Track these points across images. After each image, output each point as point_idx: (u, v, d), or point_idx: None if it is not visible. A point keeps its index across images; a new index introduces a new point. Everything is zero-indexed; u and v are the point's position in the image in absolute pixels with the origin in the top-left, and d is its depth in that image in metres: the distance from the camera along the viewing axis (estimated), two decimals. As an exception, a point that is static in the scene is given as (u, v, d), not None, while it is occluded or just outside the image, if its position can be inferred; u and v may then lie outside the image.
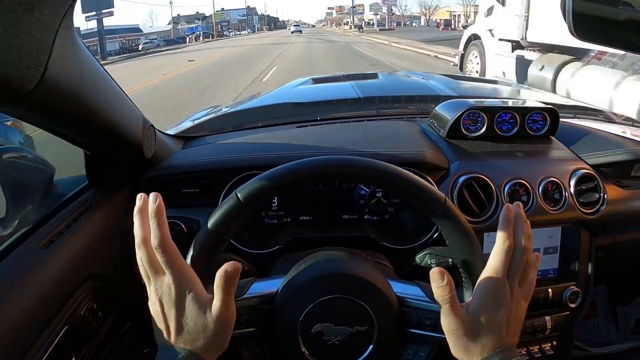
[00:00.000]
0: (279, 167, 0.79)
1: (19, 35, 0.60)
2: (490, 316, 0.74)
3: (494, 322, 0.74)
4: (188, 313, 0.71)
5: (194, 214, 1.33)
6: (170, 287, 0.71)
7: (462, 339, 0.75)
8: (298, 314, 0.86)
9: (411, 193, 0.80)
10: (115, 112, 1.04)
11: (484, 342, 0.74)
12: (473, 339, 0.74)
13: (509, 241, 0.76)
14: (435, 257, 1.05)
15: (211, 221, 0.76)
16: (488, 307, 0.75)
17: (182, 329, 0.70)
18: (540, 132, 1.51)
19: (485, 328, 0.74)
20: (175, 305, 0.71)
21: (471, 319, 0.75)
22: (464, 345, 0.75)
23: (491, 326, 0.74)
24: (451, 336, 0.76)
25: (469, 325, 0.75)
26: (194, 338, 0.70)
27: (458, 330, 0.75)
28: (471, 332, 0.74)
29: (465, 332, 0.75)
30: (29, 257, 0.95)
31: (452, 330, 0.75)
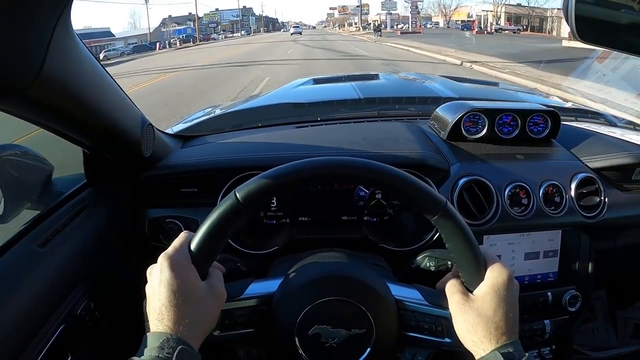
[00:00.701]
0: (278, 167, 0.78)
1: (16, 31, 0.60)
2: (505, 300, 0.75)
3: (506, 308, 0.75)
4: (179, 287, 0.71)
5: (192, 213, 1.32)
6: (163, 262, 0.73)
7: (466, 314, 0.76)
8: (295, 315, 0.86)
9: (411, 195, 0.80)
10: (113, 110, 1.03)
11: (493, 324, 0.74)
12: (480, 317, 0.75)
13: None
14: (434, 260, 1.04)
15: (209, 221, 0.76)
16: (501, 288, 0.76)
17: (170, 304, 0.70)
18: (541, 135, 1.50)
19: (499, 311, 0.74)
20: (167, 277, 0.71)
21: (482, 297, 0.76)
22: (471, 322, 0.75)
23: (503, 313, 0.74)
24: (456, 312, 0.78)
25: (475, 300, 0.77)
26: (182, 316, 0.70)
27: (461, 303, 0.77)
28: (477, 308, 0.75)
29: (471, 305, 0.76)
30: (25, 256, 0.95)
31: (456, 306, 0.78)
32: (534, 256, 1.35)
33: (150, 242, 1.33)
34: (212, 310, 0.76)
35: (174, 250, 0.75)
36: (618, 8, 0.87)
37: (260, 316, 0.89)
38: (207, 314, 0.75)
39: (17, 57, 0.64)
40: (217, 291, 0.77)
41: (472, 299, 0.77)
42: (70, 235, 1.06)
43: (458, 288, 0.80)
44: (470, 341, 0.75)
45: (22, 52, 0.64)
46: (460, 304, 0.77)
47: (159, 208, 1.34)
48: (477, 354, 0.74)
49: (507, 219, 1.30)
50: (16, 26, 0.59)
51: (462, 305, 0.77)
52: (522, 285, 1.33)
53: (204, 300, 0.74)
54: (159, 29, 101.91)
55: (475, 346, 0.74)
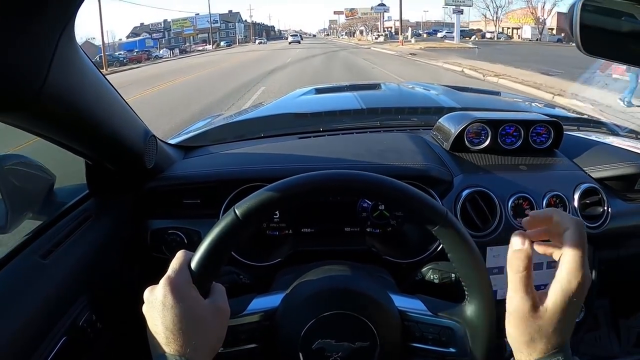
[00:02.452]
0: (278, 183, 0.78)
1: (20, 45, 0.60)
2: (570, 317, 0.65)
3: (568, 321, 0.65)
4: (183, 311, 0.70)
5: (195, 225, 1.32)
6: (165, 287, 0.72)
7: (527, 325, 0.66)
8: (299, 330, 0.85)
9: (412, 206, 0.80)
10: (117, 122, 1.04)
11: (550, 338, 0.65)
12: (539, 330, 0.65)
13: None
14: (438, 272, 1.04)
15: (208, 239, 0.75)
16: (570, 305, 0.65)
17: (176, 328, 0.70)
18: (544, 145, 1.50)
19: (559, 321, 0.65)
20: (171, 302, 0.70)
21: (548, 307, 0.65)
22: (528, 334, 0.66)
23: (562, 328, 0.65)
24: (514, 318, 0.68)
25: (542, 314, 0.66)
26: (189, 338, 0.69)
27: (525, 316, 0.66)
28: (540, 322, 0.65)
29: (534, 318, 0.66)
30: (27, 268, 0.95)
31: (517, 311, 0.67)
32: (537, 267, 1.34)
33: (153, 254, 1.33)
34: (218, 327, 0.75)
35: (174, 272, 0.74)
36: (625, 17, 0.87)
37: (264, 331, 0.89)
38: (213, 332, 0.74)
39: (21, 71, 0.64)
40: (220, 308, 0.76)
41: (540, 316, 0.66)
42: (72, 246, 1.06)
43: (529, 292, 0.67)
44: (518, 350, 0.69)
45: (26, 66, 0.64)
46: (525, 316, 0.67)
47: (161, 219, 1.34)
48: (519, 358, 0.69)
49: (511, 230, 1.28)
50: (21, 41, 0.60)
51: (525, 318, 0.66)
52: None
53: (209, 319, 0.73)
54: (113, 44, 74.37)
55: (521, 355, 0.68)
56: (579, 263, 0.64)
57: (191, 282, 0.74)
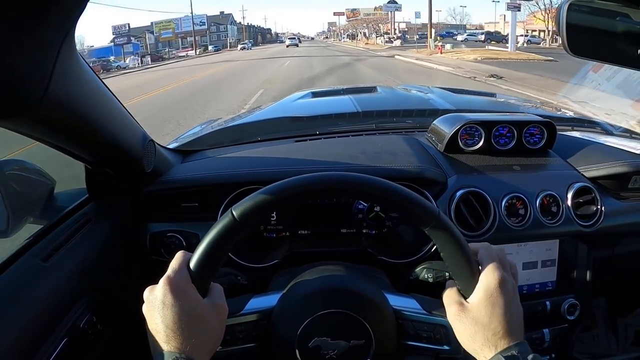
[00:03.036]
0: (274, 185, 0.79)
1: (22, 53, 0.62)
2: (498, 304, 0.75)
3: (502, 312, 0.74)
4: (182, 309, 0.72)
5: (193, 227, 1.33)
6: (165, 286, 0.73)
7: (462, 321, 0.76)
8: (295, 328, 0.87)
9: (404, 207, 0.81)
10: (116, 127, 1.05)
11: (493, 329, 0.74)
12: (476, 322, 0.74)
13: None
14: (432, 271, 1.05)
15: (207, 239, 0.77)
16: (494, 293, 0.75)
17: (176, 326, 0.71)
18: (538, 145, 1.52)
19: (491, 313, 0.74)
20: (171, 301, 0.72)
21: (471, 299, 0.77)
22: (467, 329, 0.75)
23: (500, 317, 0.74)
24: (453, 322, 0.78)
25: (469, 306, 0.77)
26: (188, 336, 0.71)
27: (459, 314, 0.77)
28: (473, 317, 0.75)
29: (464, 312, 0.76)
30: (29, 270, 0.96)
31: (453, 317, 0.78)
32: (532, 266, 1.36)
33: (152, 256, 1.34)
34: (217, 326, 0.77)
35: (173, 272, 0.75)
36: (613, 17, 0.88)
37: (261, 331, 0.90)
38: (212, 330, 0.76)
39: (24, 79, 0.65)
40: (219, 307, 0.78)
41: (468, 308, 0.76)
42: (73, 249, 1.07)
43: (454, 298, 0.79)
44: (472, 350, 0.75)
45: (28, 75, 0.66)
46: (457, 314, 0.77)
47: (160, 222, 1.36)
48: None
49: (505, 230, 1.31)
50: (23, 50, 0.61)
51: (458, 315, 0.77)
52: (521, 295, 1.34)
53: (208, 318, 0.75)
54: (82, 50, 50.25)
55: (477, 354, 0.75)
56: (494, 267, 0.77)
57: (190, 282, 0.75)
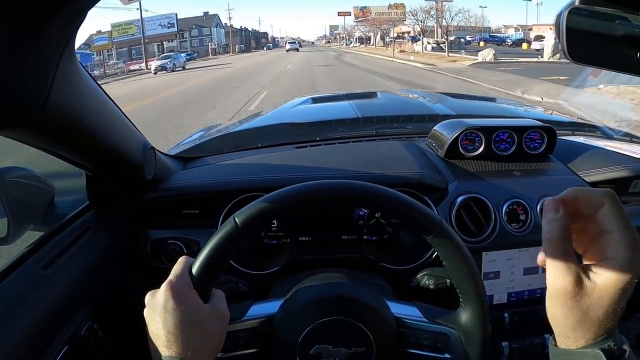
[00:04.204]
0: (276, 192, 0.80)
1: (24, 62, 0.62)
2: (624, 294, 0.56)
3: (617, 305, 0.56)
4: (184, 314, 0.72)
5: (194, 234, 1.33)
6: (167, 291, 0.73)
7: (572, 306, 0.57)
8: (297, 335, 0.87)
9: (407, 216, 0.81)
10: (117, 135, 1.05)
11: (601, 321, 0.56)
12: (588, 312, 0.56)
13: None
14: (433, 278, 1.05)
15: (209, 246, 0.77)
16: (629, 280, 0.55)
17: (177, 331, 0.71)
18: (538, 150, 1.52)
19: (611, 302, 0.56)
20: (172, 305, 0.72)
21: (597, 284, 0.56)
22: (574, 316, 0.57)
23: (614, 310, 0.56)
24: (556, 297, 0.58)
25: (589, 291, 0.56)
26: (189, 341, 0.71)
27: (569, 296, 0.57)
28: (589, 301, 0.56)
29: (580, 297, 0.56)
30: (29, 278, 0.96)
31: (559, 289, 0.58)
32: (533, 271, 1.36)
33: (153, 264, 1.34)
34: (218, 331, 0.77)
35: (175, 277, 0.76)
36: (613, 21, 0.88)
37: (262, 337, 0.90)
38: (213, 336, 0.75)
39: (24, 88, 0.65)
40: (220, 313, 0.78)
41: (589, 290, 0.56)
42: (74, 256, 1.07)
43: (571, 266, 0.57)
44: (564, 335, 0.59)
45: (29, 84, 0.66)
46: (569, 296, 0.57)
47: (160, 229, 1.36)
48: (564, 344, 0.60)
49: (506, 236, 1.31)
50: (23, 59, 0.61)
51: (570, 299, 0.57)
52: (523, 300, 1.34)
53: (209, 324, 0.75)
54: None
55: (566, 339, 0.59)
56: (632, 237, 0.56)
57: (192, 287, 0.75)
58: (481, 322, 0.82)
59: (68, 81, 0.76)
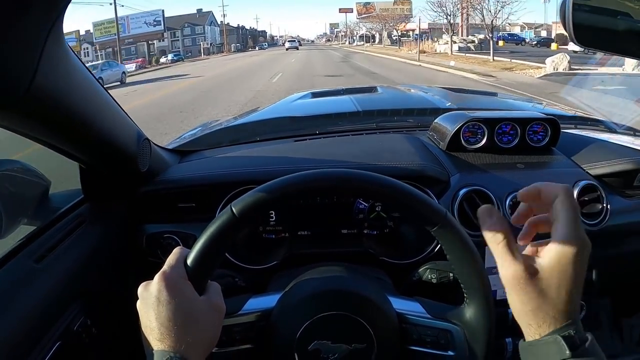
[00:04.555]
0: (275, 180, 0.77)
1: (6, 44, 0.60)
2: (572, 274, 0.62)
3: (572, 285, 0.62)
4: (178, 306, 0.69)
5: (189, 228, 1.32)
6: (160, 282, 0.71)
7: (527, 291, 0.63)
8: (295, 331, 0.84)
9: (411, 207, 0.79)
10: (107, 123, 1.03)
11: (556, 304, 0.62)
12: (541, 294, 0.62)
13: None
14: (436, 272, 1.03)
15: (205, 235, 0.75)
16: (571, 260, 0.62)
17: (171, 323, 0.68)
18: (541, 143, 1.50)
19: (560, 284, 0.62)
20: (166, 297, 0.70)
21: (543, 266, 0.63)
22: (530, 300, 0.63)
23: (568, 291, 0.62)
24: (512, 287, 0.64)
25: (540, 275, 0.63)
26: (183, 334, 0.69)
27: (521, 282, 0.63)
28: (541, 284, 0.62)
29: (532, 281, 0.62)
30: (20, 272, 0.94)
31: (512, 279, 0.64)
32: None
33: (148, 258, 1.32)
34: (213, 325, 0.74)
35: (170, 267, 0.73)
36: (615, 15, 0.87)
37: (259, 332, 0.88)
38: (209, 329, 0.73)
39: (7, 70, 0.63)
40: (216, 305, 0.75)
41: (537, 276, 0.63)
42: (66, 251, 1.06)
43: (517, 256, 0.65)
44: (525, 322, 0.64)
45: (12, 65, 0.64)
46: (521, 282, 0.63)
47: (156, 223, 1.34)
48: (529, 336, 0.64)
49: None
50: (7, 39, 0.59)
51: (522, 283, 0.63)
52: None
53: (204, 317, 0.72)
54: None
55: (530, 328, 0.64)
56: (572, 225, 0.63)
57: (187, 278, 0.73)
58: (486, 319, 0.80)
59: (55, 64, 0.74)
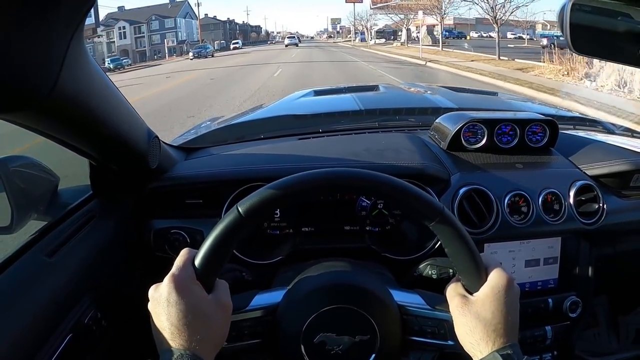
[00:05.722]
0: (279, 181, 0.80)
1: (33, 46, 0.62)
2: (504, 302, 0.77)
3: (505, 311, 0.76)
4: (187, 306, 0.72)
5: (197, 224, 1.34)
6: (170, 284, 0.74)
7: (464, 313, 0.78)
8: (300, 324, 0.87)
9: (409, 203, 0.81)
10: (122, 123, 1.05)
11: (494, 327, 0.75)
12: (478, 316, 0.76)
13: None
14: (436, 268, 1.06)
15: (212, 235, 0.77)
16: (501, 291, 0.78)
17: (181, 323, 0.72)
18: (540, 143, 1.52)
19: (494, 310, 0.76)
20: (175, 298, 0.73)
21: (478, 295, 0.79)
22: (468, 322, 0.77)
23: (502, 316, 0.76)
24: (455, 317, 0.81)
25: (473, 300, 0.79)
26: (194, 332, 0.72)
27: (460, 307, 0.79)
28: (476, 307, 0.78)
29: (468, 304, 0.78)
30: (33, 266, 0.96)
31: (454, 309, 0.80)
32: (534, 263, 1.37)
33: (156, 253, 1.35)
34: (222, 322, 0.77)
35: (178, 269, 0.76)
36: (615, 16, 0.89)
37: (266, 326, 0.90)
38: (217, 326, 0.76)
39: (34, 72, 0.65)
40: (224, 303, 0.78)
41: (472, 302, 0.78)
42: (77, 245, 1.08)
43: (458, 291, 0.81)
44: (469, 343, 0.77)
45: (39, 67, 0.66)
46: (460, 306, 0.79)
47: (164, 219, 1.36)
48: (475, 356, 0.76)
49: (507, 227, 1.32)
50: (34, 42, 0.61)
51: (461, 307, 0.78)
52: (523, 292, 1.34)
53: (213, 315, 0.75)
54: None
55: (473, 348, 0.76)
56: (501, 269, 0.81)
57: (195, 279, 0.76)
58: None
59: (76, 65, 0.76)
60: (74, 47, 0.72)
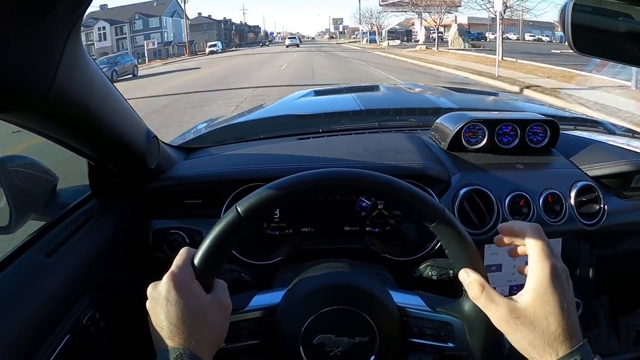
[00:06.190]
0: (278, 181, 0.79)
1: (30, 46, 0.62)
2: (554, 300, 0.69)
3: (558, 311, 0.68)
4: (186, 305, 0.72)
5: (196, 224, 1.34)
6: (169, 282, 0.73)
7: (518, 328, 0.69)
8: (300, 325, 0.87)
9: (409, 204, 0.81)
10: (120, 123, 1.05)
11: (552, 333, 0.67)
12: (533, 327, 0.68)
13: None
14: (436, 269, 1.05)
15: (212, 235, 0.77)
16: (548, 288, 0.69)
17: (180, 322, 0.71)
18: (541, 144, 1.52)
19: (547, 313, 0.68)
20: (174, 297, 0.72)
21: (525, 300, 0.70)
22: (524, 336, 0.68)
23: (557, 314, 0.68)
24: (504, 328, 0.71)
25: (524, 309, 0.69)
26: (192, 332, 0.71)
27: (510, 323, 0.70)
28: (529, 323, 0.68)
29: (520, 317, 0.69)
30: (31, 266, 0.96)
31: (500, 321, 0.71)
32: None
33: (155, 253, 1.34)
34: (220, 322, 0.77)
35: (177, 268, 0.75)
36: (616, 16, 0.89)
37: (265, 327, 0.90)
38: (216, 326, 0.76)
39: (30, 71, 0.65)
40: (223, 303, 0.78)
41: (521, 311, 0.70)
42: (76, 245, 1.08)
43: (499, 300, 0.72)
44: (531, 357, 0.69)
45: (35, 67, 0.65)
46: (508, 320, 0.70)
47: (163, 219, 1.36)
48: None
49: None
50: (30, 42, 0.61)
51: (511, 321, 0.70)
52: None
53: (211, 314, 0.75)
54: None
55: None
56: (542, 255, 0.72)
57: (194, 278, 0.75)
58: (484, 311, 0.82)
59: (74, 65, 0.76)
60: (71, 46, 0.71)
